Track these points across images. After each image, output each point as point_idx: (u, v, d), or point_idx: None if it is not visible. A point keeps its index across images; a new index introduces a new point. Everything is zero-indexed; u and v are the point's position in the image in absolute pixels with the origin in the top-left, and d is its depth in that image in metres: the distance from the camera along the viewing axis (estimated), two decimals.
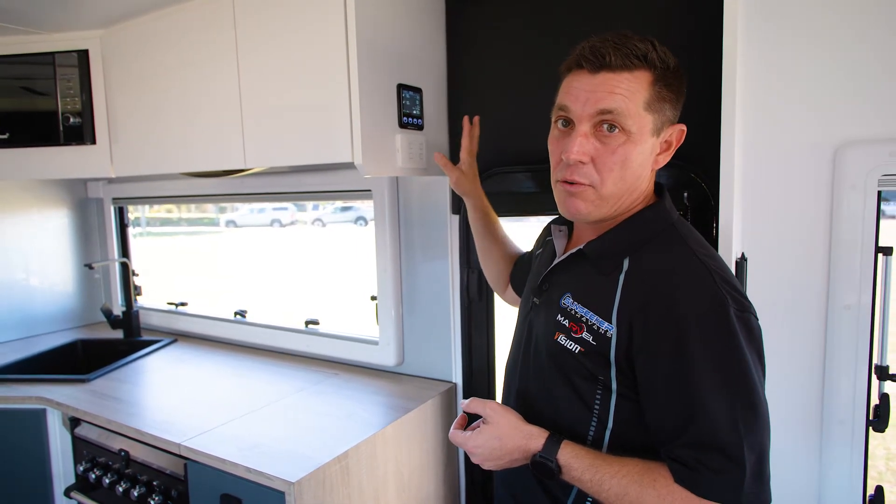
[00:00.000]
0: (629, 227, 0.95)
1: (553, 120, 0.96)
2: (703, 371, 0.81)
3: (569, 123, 0.92)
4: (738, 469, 0.79)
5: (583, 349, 0.92)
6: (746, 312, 0.85)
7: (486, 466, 0.98)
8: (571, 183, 0.92)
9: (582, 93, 0.89)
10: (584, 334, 0.91)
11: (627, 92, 0.87)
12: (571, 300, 0.96)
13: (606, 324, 0.89)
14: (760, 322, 0.87)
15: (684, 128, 0.95)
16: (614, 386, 0.90)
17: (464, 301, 1.79)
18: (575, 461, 0.88)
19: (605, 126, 0.88)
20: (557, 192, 0.96)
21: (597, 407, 0.93)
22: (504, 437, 0.95)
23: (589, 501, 0.96)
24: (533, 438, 0.93)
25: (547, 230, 1.20)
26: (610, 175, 0.90)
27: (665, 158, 0.96)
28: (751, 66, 1.30)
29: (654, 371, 0.85)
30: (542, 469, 0.91)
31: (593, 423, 0.93)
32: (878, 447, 3.70)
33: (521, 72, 1.58)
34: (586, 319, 0.92)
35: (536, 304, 1.04)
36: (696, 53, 1.29)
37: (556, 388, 0.97)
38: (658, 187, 1.01)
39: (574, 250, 0.99)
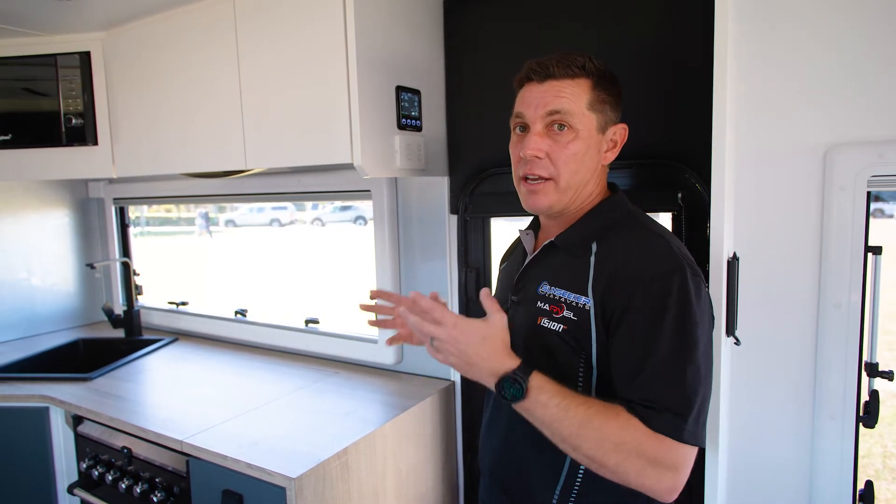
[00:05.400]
0: (592, 217, 1.06)
1: (512, 128, 1.09)
2: (659, 322, 0.91)
3: (525, 128, 1.05)
4: (683, 408, 0.88)
5: (565, 327, 0.99)
6: (698, 277, 0.95)
7: (442, 351, 0.93)
8: (534, 180, 1.03)
9: (533, 99, 1.03)
10: (565, 313, 0.99)
11: (571, 95, 1.00)
12: (549, 286, 1.04)
13: (584, 298, 0.98)
14: (751, 321, 0.93)
15: (626, 126, 1.08)
16: (594, 360, 0.97)
17: (462, 300, 1.81)
18: (546, 384, 0.91)
19: (556, 126, 1.01)
20: (521, 191, 1.08)
21: (580, 385, 0.99)
22: (488, 340, 0.92)
23: (576, 488, 1.00)
24: (510, 358, 0.93)
25: (513, 245, 1.30)
26: (566, 168, 1.01)
27: (612, 155, 1.08)
28: (743, 68, 1.32)
29: (620, 325, 0.94)
30: (510, 387, 0.90)
31: None
32: (875, 445, 3.71)
33: (517, 74, 1.60)
34: (565, 299, 1.00)
35: (515, 300, 1.10)
36: (689, 55, 1.31)
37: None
38: (611, 185, 1.12)
39: (546, 243, 1.08)
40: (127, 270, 2.61)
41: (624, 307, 0.93)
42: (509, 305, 1.12)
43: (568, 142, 1.00)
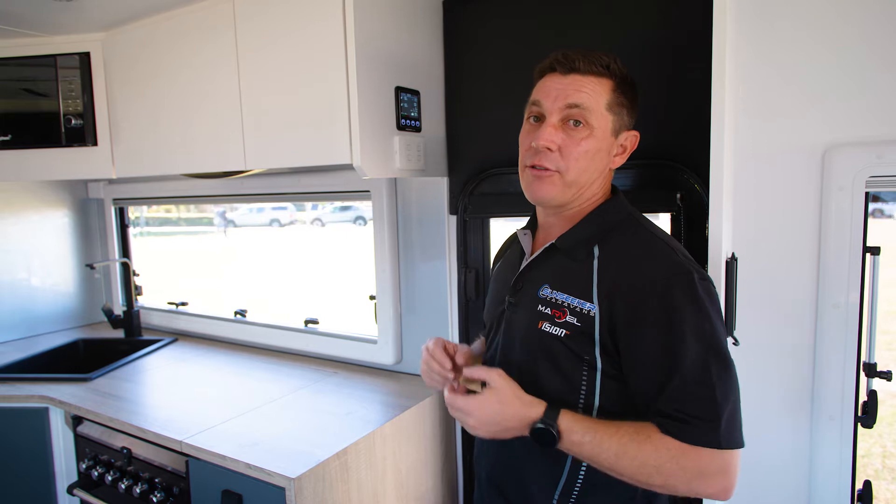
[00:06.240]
0: (594, 218, 1.05)
1: (526, 116, 1.07)
2: (678, 330, 0.90)
3: (539, 119, 1.03)
4: (715, 414, 0.88)
5: (568, 332, 0.98)
6: (706, 280, 0.95)
7: (479, 433, 0.98)
8: (540, 168, 1.01)
9: (553, 90, 1.01)
10: (568, 318, 0.98)
11: (592, 92, 0.99)
12: (550, 290, 1.03)
13: (588, 304, 0.97)
14: (750, 321, 0.93)
15: (637, 134, 1.07)
16: (599, 364, 0.97)
17: (461, 300, 1.81)
18: (575, 425, 0.92)
19: (572, 121, 1.00)
20: (525, 177, 1.06)
21: (583, 387, 0.98)
22: (505, 403, 0.96)
23: (576, 492, 1.00)
24: (533, 407, 0.95)
25: (506, 244, 1.30)
26: (575, 164, 1.00)
27: (621, 160, 1.07)
28: (741, 69, 1.32)
29: (635, 337, 0.93)
30: (543, 436, 0.93)
31: (580, 404, 0.98)
32: (875, 445, 3.70)
33: (517, 73, 1.60)
34: (568, 304, 0.99)
35: (512, 302, 1.09)
36: (689, 55, 1.31)
37: (541, 377, 1.01)
38: (612, 188, 1.11)
39: (546, 245, 1.06)
40: (126, 271, 2.61)
41: (634, 313, 0.92)
42: (506, 307, 1.10)
43: (582, 138, 0.99)
